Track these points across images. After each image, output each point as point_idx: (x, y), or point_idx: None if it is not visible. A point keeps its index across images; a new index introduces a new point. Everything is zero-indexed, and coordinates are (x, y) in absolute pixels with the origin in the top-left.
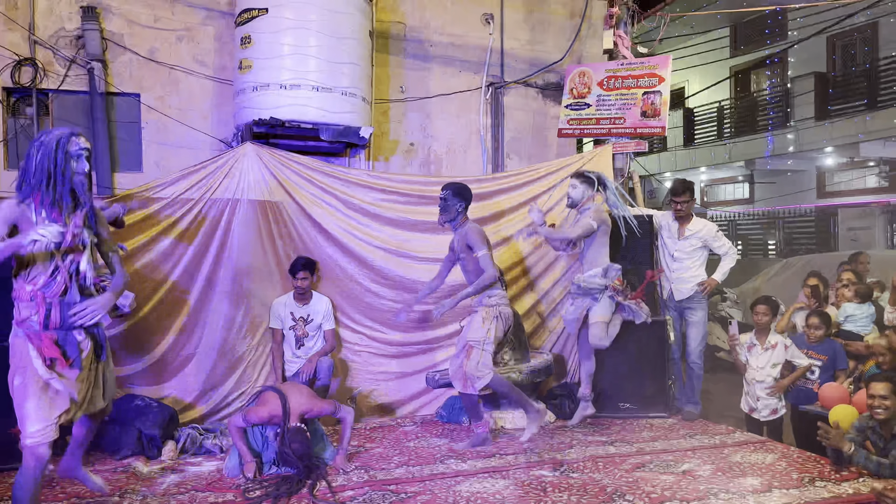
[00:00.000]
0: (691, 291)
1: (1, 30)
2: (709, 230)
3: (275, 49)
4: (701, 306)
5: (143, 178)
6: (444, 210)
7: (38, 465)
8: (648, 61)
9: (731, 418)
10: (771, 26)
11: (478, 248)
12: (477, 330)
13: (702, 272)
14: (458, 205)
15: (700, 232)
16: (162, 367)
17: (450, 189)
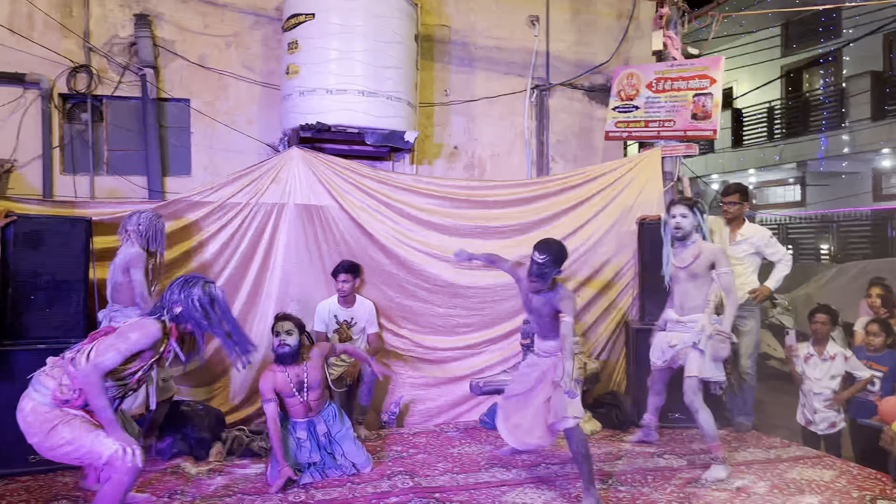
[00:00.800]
0: (742, 299)
1: (57, 37)
2: (761, 236)
3: (321, 54)
4: (752, 314)
5: (192, 182)
6: (541, 277)
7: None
8: (699, 62)
9: (785, 430)
10: (824, 24)
11: (568, 313)
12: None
13: (754, 279)
14: (556, 272)
15: (752, 237)
16: (209, 370)
17: (549, 254)
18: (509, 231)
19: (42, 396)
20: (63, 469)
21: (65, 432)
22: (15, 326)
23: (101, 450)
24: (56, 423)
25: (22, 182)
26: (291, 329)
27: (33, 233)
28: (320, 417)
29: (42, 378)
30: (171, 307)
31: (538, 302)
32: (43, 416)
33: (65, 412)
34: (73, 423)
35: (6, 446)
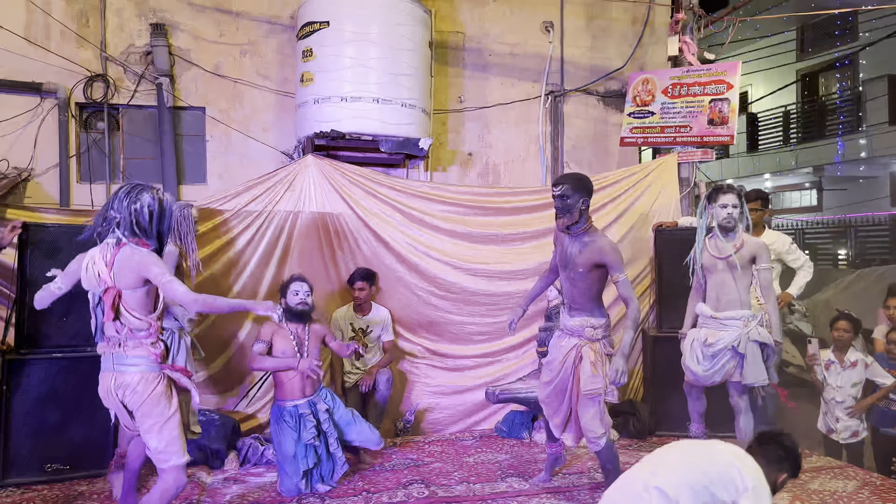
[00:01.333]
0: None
1: (73, 47)
2: (782, 242)
3: (336, 62)
4: None
5: (207, 190)
6: (566, 210)
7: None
8: (716, 67)
9: (806, 439)
10: (841, 28)
11: (617, 270)
12: (591, 378)
13: (775, 286)
14: (582, 202)
15: (773, 244)
16: (224, 377)
17: (568, 182)
18: (524, 238)
19: (144, 365)
20: (80, 478)
21: (164, 407)
22: (32, 335)
23: (175, 449)
24: (164, 394)
25: (39, 191)
26: (308, 290)
27: (50, 242)
28: (318, 397)
29: (127, 353)
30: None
31: (573, 249)
32: (154, 382)
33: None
34: (173, 401)
35: (23, 455)
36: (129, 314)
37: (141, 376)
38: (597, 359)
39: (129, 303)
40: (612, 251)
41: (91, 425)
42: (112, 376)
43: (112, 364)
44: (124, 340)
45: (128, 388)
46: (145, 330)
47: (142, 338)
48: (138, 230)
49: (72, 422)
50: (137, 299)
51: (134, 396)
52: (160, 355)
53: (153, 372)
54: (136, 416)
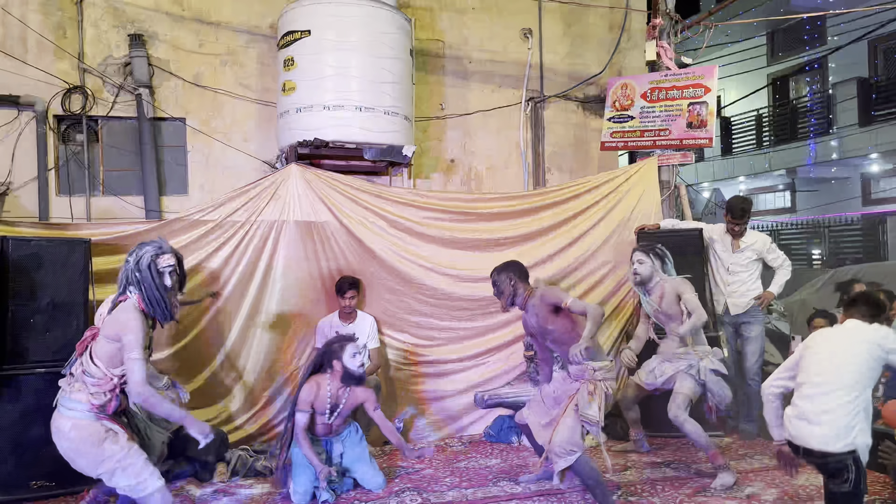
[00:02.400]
0: (748, 305)
1: (51, 59)
2: (763, 242)
3: (317, 70)
4: (757, 320)
5: (189, 200)
6: (500, 294)
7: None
8: (693, 71)
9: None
10: (809, 32)
11: (563, 299)
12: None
13: (758, 285)
14: (509, 279)
15: (755, 244)
16: (210, 389)
17: (493, 271)
18: (507, 243)
19: (78, 411)
20: (65, 494)
21: (113, 449)
22: (15, 350)
23: (146, 477)
24: (104, 438)
25: (17, 205)
26: (363, 352)
27: (32, 255)
28: (339, 438)
29: (70, 396)
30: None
31: (532, 319)
32: (87, 430)
33: (105, 425)
34: (120, 440)
35: (7, 472)
36: (91, 359)
37: (72, 423)
38: (595, 390)
39: (98, 350)
40: (551, 292)
41: None
42: (54, 416)
43: (57, 401)
44: (76, 380)
45: (60, 433)
46: (98, 379)
47: (90, 384)
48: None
49: None
50: (107, 350)
51: (68, 444)
52: (99, 406)
53: (85, 419)
54: (78, 465)
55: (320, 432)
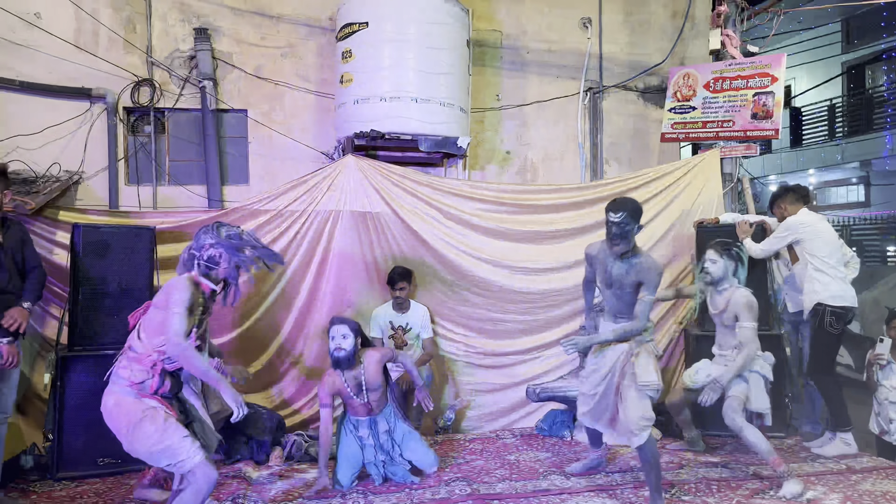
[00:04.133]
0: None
1: (121, 53)
2: None
3: (375, 62)
4: None
5: (250, 190)
6: (623, 237)
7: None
8: (759, 60)
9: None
10: (887, 19)
11: (649, 290)
12: (645, 371)
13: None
14: (637, 229)
15: None
16: (268, 373)
17: (626, 211)
18: (563, 236)
19: (121, 388)
20: (131, 472)
21: (151, 428)
22: (84, 333)
23: (185, 455)
24: (141, 418)
25: (89, 193)
26: (346, 333)
27: (101, 242)
28: (381, 416)
29: (118, 372)
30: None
31: (620, 270)
32: (126, 407)
33: (145, 403)
34: (157, 418)
35: (76, 449)
36: (137, 332)
37: (115, 399)
38: (647, 356)
39: (146, 322)
40: (655, 274)
41: None
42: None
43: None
44: (123, 356)
45: (105, 408)
46: (139, 353)
47: (131, 359)
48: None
49: None
50: (153, 320)
51: (110, 420)
52: (137, 385)
53: (127, 396)
54: (125, 442)
55: (362, 413)
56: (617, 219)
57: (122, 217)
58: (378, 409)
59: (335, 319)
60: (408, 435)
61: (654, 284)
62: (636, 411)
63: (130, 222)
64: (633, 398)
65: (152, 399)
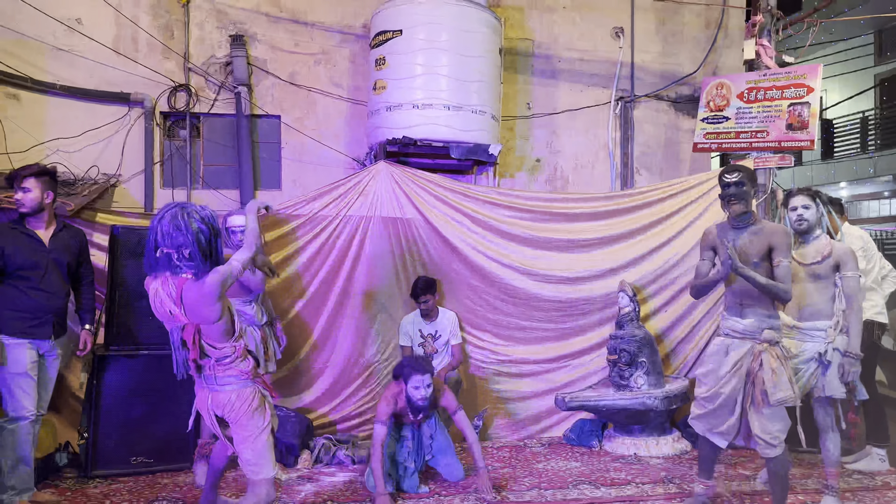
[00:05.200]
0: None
1: (158, 58)
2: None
3: (408, 69)
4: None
5: (282, 195)
6: (741, 198)
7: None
8: (795, 70)
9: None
10: None
11: (782, 254)
12: (778, 386)
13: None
14: (754, 192)
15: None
16: (297, 377)
17: (743, 171)
18: (593, 245)
19: (236, 383)
20: (163, 471)
21: (258, 422)
22: (121, 333)
23: (266, 463)
24: (257, 408)
25: (126, 196)
26: (429, 382)
27: (138, 244)
28: (427, 424)
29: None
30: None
31: (744, 240)
32: (248, 398)
33: (260, 391)
34: (267, 415)
35: (109, 448)
36: (212, 346)
37: (236, 394)
38: (779, 364)
39: (211, 336)
40: (784, 234)
41: (174, 420)
42: (209, 395)
43: (205, 384)
44: (213, 367)
45: (225, 406)
46: (232, 355)
47: (230, 362)
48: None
49: (156, 416)
50: (217, 329)
51: (231, 412)
52: (251, 371)
53: (247, 388)
54: (232, 427)
55: (408, 421)
56: (734, 179)
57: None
58: (426, 418)
59: (418, 368)
60: (445, 448)
61: (787, 246)
62: (773, 424)
63: None
64: (769, 413)
65: (263, 386)
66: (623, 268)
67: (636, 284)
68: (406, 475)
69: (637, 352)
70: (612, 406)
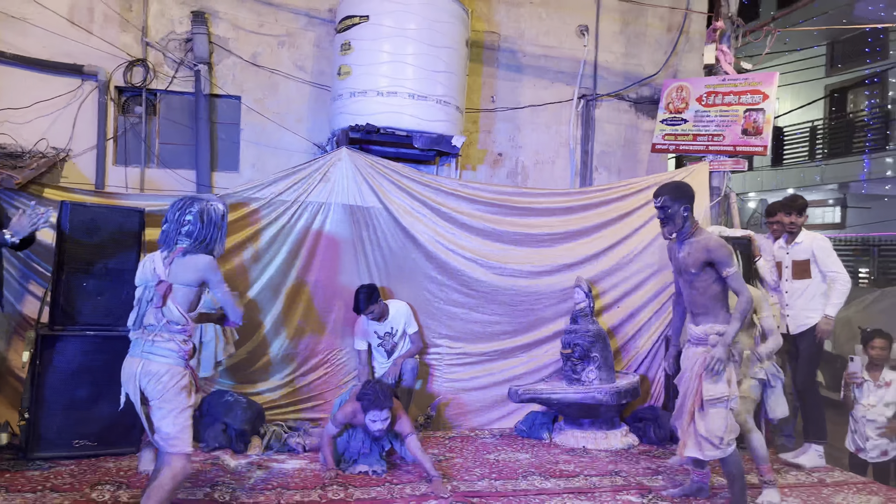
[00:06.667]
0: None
1: (115, 31)
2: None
3: (373, 56)
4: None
5: (240, 178)
6: (669, 219)
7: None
8: (752, 77)
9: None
10: (871, 45)
11: (725, 265)
12: (716, 385)
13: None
14: (683, 209)
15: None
16: (250, 363)
17: (666, 193)
18: (551, 239)
19: (172, 358)
20: (107, 455)
21: (186, 401)
22: (67, 312)
23: (184, 439)
24: (186, 388)
25: (75, 171)
26: (387, 417)
27: (88, 221)
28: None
29: (163, 345)
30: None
31: (682, 254)
32: (178, 376)
33: (188, 376)
34: (192, 395)
35: (52, 430)
36: (173, 306)
37: (168, 368)
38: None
39: (177, 297)
40: (718, 247)
41: (119, 403)
42: (140, 363)
43: (141, 350)
44: (160, 331)
45: (153, 376)
46: (182, 325)
47: (175, 331)
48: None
49: (101, 399)
50: (185, 296)
51: (158, 386)
52: (188, 352)
53: (180, 366)
54: (153, 403)
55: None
56: (658, 203)
57: (108, 197)
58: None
59: (377, 403)
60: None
61: (726, 257)
62: (708, 425)
63: (117, 203)
64: (705, 413)
65: (191, 371)
66: (579, 263)
67: (591, 280)
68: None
69: (590, 346)
70: (563, 399)
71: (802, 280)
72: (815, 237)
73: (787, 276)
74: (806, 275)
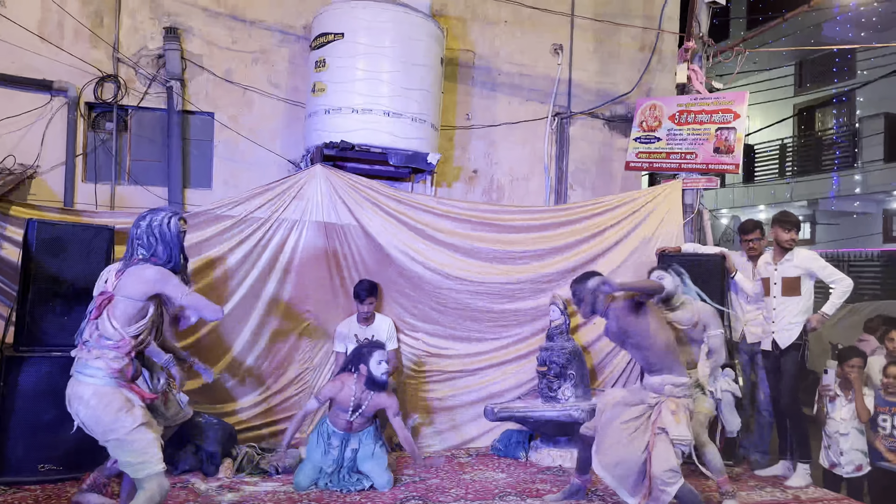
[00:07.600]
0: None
1: (86, 47)
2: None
3: (348, 73)
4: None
5: (213, 195)
6: (580, 302)
7: (163, 496)
8: (724, 96)
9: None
10: (839, 65)
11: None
12: (675, 426)
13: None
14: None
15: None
16: (221, 384)
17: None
18: (527, 257)
19: (99, 378)
20: (72, 479)
21: (126, 421)
22: (33, 333)
23: (149, 458)
24: (121, 408)
25: (44, 188)
26: (389, 359)
27: (56, 239)
28: (357, 436)
29: (89, 363)
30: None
31: (612, 325)
32: (107, 397)
33: (125, 394)
34: (135, 412)
35: (16, 454)
36: (108, 320)
37: (94, 390)
38: (677, 408)
39: (115, 310)
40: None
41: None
42: (70, 383)
43: (73, 369)
44: (91, 347)
45: (80, 399)
46: (116, 341)
47: (108, 347)
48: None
49: (67, 422)
50: (125, 310)
51: (87, 411)
52: (119, 371)
53: (108, 386)
54: (94, 431)
55: (341, 427)
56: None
57: (77, 215)
58: (357, 430)
59: (378, 343)
60: (371, 455)
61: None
62: (664, 464)
63: (86, 221)
64: (662, 452)
65: (130, 391)
66: (554, 280)
67: (567, 298)
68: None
69: (566, 364)
70: (539, 417)
71: (792, 297)
72: (808, 255)
73: (775, 293)
74: (796, 292)
